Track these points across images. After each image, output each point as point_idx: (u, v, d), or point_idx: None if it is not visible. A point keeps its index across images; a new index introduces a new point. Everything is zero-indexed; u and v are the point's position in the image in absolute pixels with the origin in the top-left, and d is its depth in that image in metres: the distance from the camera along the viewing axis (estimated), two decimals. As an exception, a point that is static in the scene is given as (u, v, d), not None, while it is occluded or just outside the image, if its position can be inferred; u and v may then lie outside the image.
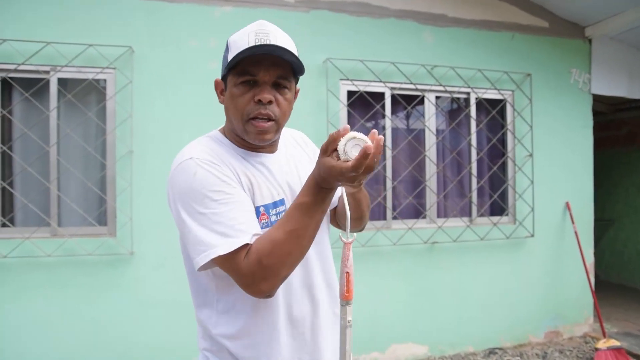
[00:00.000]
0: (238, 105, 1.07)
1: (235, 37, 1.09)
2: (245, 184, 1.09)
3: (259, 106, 1.06)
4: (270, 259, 0.96)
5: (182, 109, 3.36)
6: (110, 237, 3.25)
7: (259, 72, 1.06)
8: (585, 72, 4.43)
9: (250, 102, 1.06)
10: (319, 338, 1.18)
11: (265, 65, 1.06)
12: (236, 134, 1.14)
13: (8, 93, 3.25)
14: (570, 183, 4.37)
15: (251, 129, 1.08)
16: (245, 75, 1.06)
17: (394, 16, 3.88)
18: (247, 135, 1.10)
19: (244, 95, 1.07)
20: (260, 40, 1.05)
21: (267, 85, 1.07)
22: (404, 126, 4.14)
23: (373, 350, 3.71)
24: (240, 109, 1.07)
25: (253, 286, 0.98)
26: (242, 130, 1.10)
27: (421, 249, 3.88)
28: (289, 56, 1.06)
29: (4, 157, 3.20)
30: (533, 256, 4.22)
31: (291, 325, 1.14)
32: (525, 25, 4.26)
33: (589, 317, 4.41)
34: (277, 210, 1.13)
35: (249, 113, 1.07)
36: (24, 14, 3.14)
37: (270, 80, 1.07)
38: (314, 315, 1.18)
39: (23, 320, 3.08)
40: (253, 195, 1.10)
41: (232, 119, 1.11)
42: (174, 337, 3.24)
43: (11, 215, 3.20)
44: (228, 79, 1.10)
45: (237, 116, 1.08)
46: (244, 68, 1.05)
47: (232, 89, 1.09)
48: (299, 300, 1.15)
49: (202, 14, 3.44)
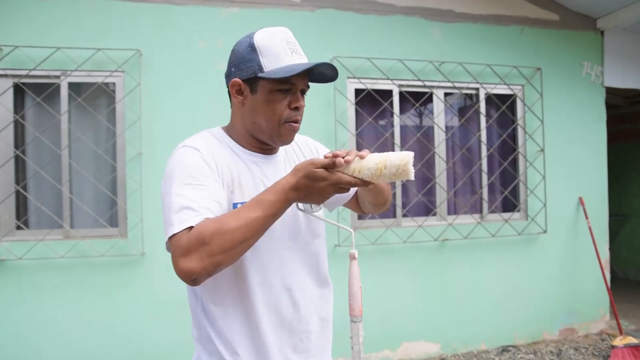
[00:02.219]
0: (276, 110, 1.13)
1: (266, 41, 1.12)
2: (226, 179, 1.13)
3: (295, 112, 1.14)
4: (212, 239, 0.95)
5: (190, 110, 3.39)
6: (121, 238, 3.29)
7: (298, 82, 1.13)
8: (597, 65, 4.36)
9: (286, 108, 1.13)
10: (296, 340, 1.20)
11: (302, 76, 1.13)
12: (253, 134, 1.18)
13: (20, 98, 3.31)
14: (583, 178, 4.31)
15: (286, 131, 1.15)
16: (287, 84, 1.11)
17: (401, 13, 3.86)
18: (278, 138, 1.16)
19: (282, 101, 1.12)
20: (293, 50, 1.13)
21: (299, 93, 1.15)
22: (412, 123, 4.12)
23: (385, 348, 3.70)
24: (278, 114, 1.13)
25: (184, 262, 0.96)
26: (275, 133, 1.15)
27: (432, 247, 3.86)
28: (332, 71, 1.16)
29: (18, 161, 3.26)
30: (546, 252, 4.17)
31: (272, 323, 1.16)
32: (535, 18, 4.21)
33: (604, 314, 4.34)
34: None
35: (287, 118, 1.13)
36: (33, 20, 3.19)
37: (301, 88, 1.16)
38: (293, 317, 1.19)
39: (38, 320, 3.14)
40: (232, 191, 1.13)
41: (261, 121, 1.15)
42: (185, 336, 3.26)
43: (25, 218, 3.26)
44: (260, 83, 1.12)
45: (273, 120, 1.13)
46: (287, 78, 1.10)
47: (267, 94, 1.12)
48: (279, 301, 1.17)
49: (209, 15, 3.46)
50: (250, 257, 1.13)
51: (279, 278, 1.17)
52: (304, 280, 1.21)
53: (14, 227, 3.20)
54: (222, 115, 3.80)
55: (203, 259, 0.95)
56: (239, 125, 1.20)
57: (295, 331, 1.19)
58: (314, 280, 1.25)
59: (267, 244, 1.15)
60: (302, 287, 1.21)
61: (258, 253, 1.14)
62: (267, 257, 1.15)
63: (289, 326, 1.18)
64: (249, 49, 1.13)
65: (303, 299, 1.20)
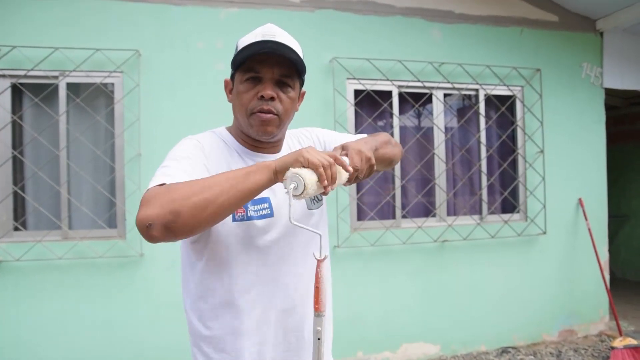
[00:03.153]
0: (243, 100, 1.13)
1: (244, 38, 1.14)
2: None
3: (262, 102, 1.11)
4: (176, 187, 0.93)
5: (189, 110, 3.38)
6: (120, 239, 3.27)
7: (263, 69, 1.11)
8: (596, 66, 4.36)
9: (254, 98, 1.12)
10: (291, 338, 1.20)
11: (270, 63, 1.10)
12: (242, 130, 1.19)
13: (18, 98, 3.29)
14: (582, 179, 4.31)
15: (254, 121, 1.13)
16: (250, 72, 1.11)
17: (401, 14, 3.86)
18: (251, 129, 1.15)
19: (249, 91, 1.12)
20: (265, 36, 1.11)
21: (270, 83, 1.12)
22: (412, 124, 4.11)
23: (384, 350, 3.69)
24: (244, 104, 1.13)
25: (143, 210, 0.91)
26: (247, 125, 1.15)
27: (431, 248, 3.85)
28: (290, 54, 1.10)
29: (15, 161, 3.25)
30: (545, 253, 4.16)
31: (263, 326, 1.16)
32: (534, 19, 4.21)
33: (604, 316, 4.33)
34: (258, 207, 1.14)
35: (252, 108, 1.12)
36: (32, 20, 3.18)
37: (273, 78, 1.12)
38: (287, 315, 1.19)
39: (37, 321, 3.12)
40: None
41: (237, 115, 1.17)
42: (184, 337, 3.25)
43: (23, 219, 3.25)
44: (235, 77, 1.16)
45: (242, 111, 1.14)
46: (249, 65, 1.11)
47: (238, 86, 1.14)
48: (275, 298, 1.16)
49: (208, 15, 3.45)
50: (250, 253, 1.13)
51: (279, 275, 1.17)
52: (301, 278, 1.21)
53: (11, 228, 3.18)
54: (222, 116, 3.78)
55: (162, 205, 0.89)
56: (234, 124, 1.23)
57: (290, 329, 1.19)
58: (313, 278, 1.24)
59: (267, 240, 1.14)
60: (300, 285, 1.20)
61: (258, 249, 1.14)
62: (266, 254, 1.15)
63: (284, 324, 1.18)
64: (235, 49, 1.17)
65: (300, 297, 1.20)
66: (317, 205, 1.27)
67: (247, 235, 1.12)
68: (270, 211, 1.15)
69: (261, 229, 1.13)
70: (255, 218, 1.13)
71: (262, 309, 1.15)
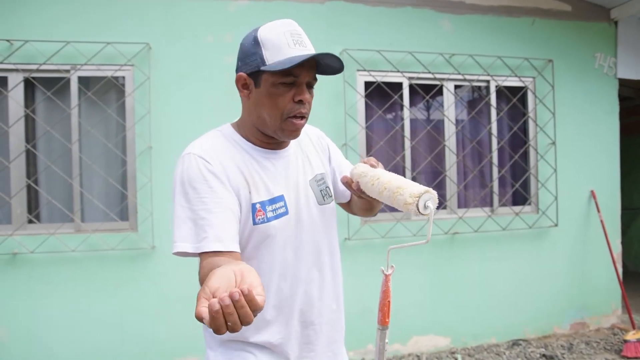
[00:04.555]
0: (279, 104, 1.11)
1: (269, 34, 1.10)
2: (239, 182, 1.12)
3: (299, 106, 1.12)
4: None
5: (199, 103, 3.39)
6: (132, 232, 3.30)
7: (301, 74, 1.10)
8: (610, 56, 4.29)
9: (290, 101, 1.11)
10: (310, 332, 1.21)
11: (307, 67, 1.11)
12: (258, 128, 1.17)
13: (31, 92, 3.32)
14: (595, 171, 4.26)
15: (289, 126, 1.13)
16: (289, 76, 1.09)
17: (411, 5, 3.82)
18: (281, 132, 1.14)
19: (285, 95, 1.10)
20: (297, 42, 1.10)
21: (304, 86, 1.12)
22: (422, 116, 4.08)
23: (395, 342, 3.70)
24: (281, 108, 1.11)
25: None
26: (277, 127, 1.13)
27: (442, 240, 3.84)
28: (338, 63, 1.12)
29: (29, 155, 3.28)
30: (557, 246, 4.13)
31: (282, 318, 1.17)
32: (547, 9, 4.15)
33: (616, 308, 4.30)
34: (275, 206, 1.15)
35: (289, 112, 1.11)
36: (43, 14, 3.20)
37: (306, 81, 1.13)
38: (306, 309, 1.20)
39: (49, 312, 3.16)
40: (249, 192, 1.12)
41: (264, 115, 1.13)
42: (195, 330, 3.28)
43: (37, 212, 3.28)
44: (263, 77, 1.11)
45: (276, 114, 1.12)
46: (287, 70, 1.07)
47: (270, 88, 1.11)
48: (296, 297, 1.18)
49: (217, 8, 3.45)
50: (269, 251, 1.14)
51: (296, 270, 1.18)
52: (317, 273, 1.21)
53: (25, 221, 3.22)
54: (230, 109, 3.79)
55: None
56: (247, 119, 1.19)
57: (308, 323, 1.19)
58: (329, 272, 1.25)
59: (284, 237, 1.15)
60: (316, 279, 1.21)
61: (276, 246, 1.14)
62: (284, 249, 1.16)
63: (302, 317, 1.18)
64: (253, 43, 1.12)
65: (317, 291, 1.20)
66: (329, 200, 1.28)
67: (265, 235, 1.14)
68: (286, 209, 1.16)
69: (279, 228, 1.15)
70: (273, 219, 1.14)
71: (283, 304, 1.16)
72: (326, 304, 1.23)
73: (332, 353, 1.26)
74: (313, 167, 1.27)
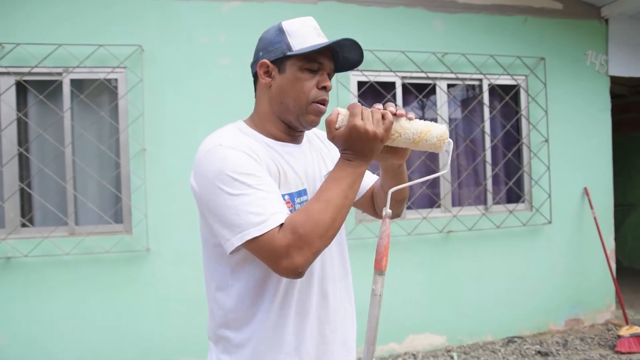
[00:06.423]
0: (304, 88, 1.13)
1: (294, 25, 1.15)
2: (272, 171, 1.11)
3: (324, 92, 1.15)
4: (306, 227, 0.97)
5: (192, 105, 3.38)
6: (126, 234, 3.30)
7: (325, 62, 1.14)
8: (601, 54, 4.32)
9: (314, 87, 1.13)
10: (326, 330, 1.19)
11: (329, 56, 1.15)
12: (279, 116, 1.17)
13: (23, 95, 3.31)
14: (588, 168, 4.29)
15: (312, 109, 1.14)
16: (315, 63, 1.13)
17: (403, 4, 3.83)
18: (304, 118, 1.15)
19: (310, 80, 1.13)
20: (320, 35, 1.16)
21: (327, 75, 1.16)
22: (416, 115, 4.08)
23: (390, 341, 3.71)
24: (306, 92, 1.13)
25: (287, 259, 0.96)
26: (303, 112, 1.14)
27: (436, 239, 3.86)
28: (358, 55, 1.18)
29: (21, 158, 3.27)
30: (551, 243, 4.16)
31: (299, 317, 1.15)
32: (538, 8, 4.17)
33: (610, 304, 4.33)
34: (301, 199, 1.15)
35: (314, 97, 1.13)
36: (35, 17, 3.19)
37: (328, 71, 1.17)
38: (322, 307, 1.19)
39: (45, 316, 3.15)
40: (279, 182, 1.12)
41: (288, 100, 1.15)
42: (192, 331, 3.28)
43: (30, 216, 3.27)
44: (288, 62, 1.14)
45: (302, 98, 1.13)
46: (313, 56, 1.12)
47: (296, 72, 1.13)
48: (312, 291, 1.16)
49: (210, 9, 3.45)
50: None
51: (318, 266, 1.17)
52: (333, 270, 1.22)
53: (19, 224, 3.21)
54: (225, 109, 3.79)
55: (305, 252, 0.97)
56: (266, 110, 1.18)
57: (324, 321, 1.19)
58: (341, 269, 1.27)
59: None
60: (332, 277, 1.21)
61: None
62: None
63: (317, 315, 1.18)
64: (278, 32, 1.16)
65: (332, 289, 1.21)
66: None
67: None
68: None
69: None
70: None
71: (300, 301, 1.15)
72: (340, 302, 1.24)
73: (346, 353, 1.27)
74: (326, 163, 1.29)
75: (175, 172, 3.31)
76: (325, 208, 0.99)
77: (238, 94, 3.27)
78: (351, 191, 1.03)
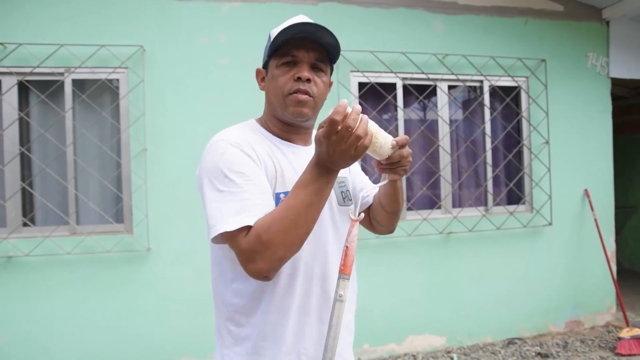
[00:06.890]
0: (279, 83, 1.15)
1: (277, 28, 1.17)
2: (269, 170, 1.13)
3: (298, 83, 1.13)
4: (269, 235, 0.97)
5: (193, 105, 3.39)
6: (127, 234, 3.31)
7: (299, 53, 1.14)
8: (602, 56, 4.32)
9: (290, 80, 1.14)
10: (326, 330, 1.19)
11: (305, 47, 1.14)
12: (275, 117, 1.20)
13: (25, 95, 3.32)
14: (588, 170, 4.29)
15: (290, 101, 1.14)
16: (287, 56, 1.14)
17: (404, 5, 3.84)
18: (286, 111, 1.16)
19: (285, 74, 1.14)
20: (294, 21, 1.16)
21: (306, 65, 1.15)
22: (416, 117, 4.10)
23: (390, 342, 3.71)
24: (281, 87, 1.14)
25: (251, 264, 0.99)
26: (282, 107, 1.16)
27: (437, 240, 3.86)
28: (328, 37, 1.14)
29: (23, 158, 3.28)
30: (552, 245, 4.15)
31: (300, 316, 1.15)
32: (539, 9, 4.17)
33: (611, 306, 4.32)
34: None
35: (289, 89, 1.14)
36: (37, 17, 3.20)
37: (309, 61, 1.15)
38: (323, 308, 1.19)
39: (46, 315, 3.16)
40: (275, 181, 1.13)
41: (272, 99, 1.18)
42: (192, 331, 3.29)
43: (31, 215, 3.28)
44: (270, 63, 1.18)
45: (278, 93, 1.16)
46: (285, 50, 1.14)
47: (273, 70, 1.17)
48: (313, 291, 1.17)
49: (211, 10, 3.46)
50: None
51: (311, 267, 1.17)
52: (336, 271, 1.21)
53: (20, 224, 3.22)
54: (225, 109, 3.79)
55: (267, 258, 0.98)
56: (266, 111, 1.24)
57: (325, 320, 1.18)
58: None
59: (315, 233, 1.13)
60: (334, 277, 1.20)
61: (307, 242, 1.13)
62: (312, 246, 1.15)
63: (318, 315, 1.18)
64: (267, 39, 1.20)
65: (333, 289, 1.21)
66: (349, 203, 1.28)
67: None
68: None
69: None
70: None
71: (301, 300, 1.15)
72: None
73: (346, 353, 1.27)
74: None
75: (176, 172, 3.32)
76: (291, 216, 0.98)
77: (238, 94, 3.29)
78: (317, 197, 1.01)
